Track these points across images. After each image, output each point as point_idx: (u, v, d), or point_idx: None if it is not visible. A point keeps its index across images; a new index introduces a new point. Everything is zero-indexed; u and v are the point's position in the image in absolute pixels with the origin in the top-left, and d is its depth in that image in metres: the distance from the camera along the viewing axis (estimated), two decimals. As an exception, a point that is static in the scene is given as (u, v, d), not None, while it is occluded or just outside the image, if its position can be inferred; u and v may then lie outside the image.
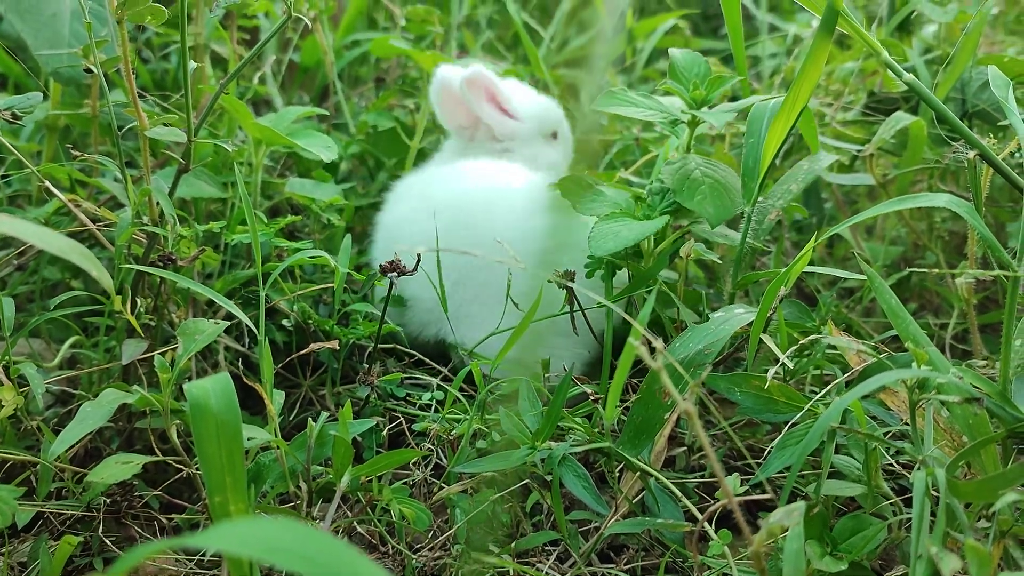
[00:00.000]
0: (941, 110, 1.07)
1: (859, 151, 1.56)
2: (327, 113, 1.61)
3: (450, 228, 1.31)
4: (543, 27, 2.55)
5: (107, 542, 1.04)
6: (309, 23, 1.21)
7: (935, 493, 0.87)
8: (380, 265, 1.16)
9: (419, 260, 1.14)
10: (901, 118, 1.50)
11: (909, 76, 1.05)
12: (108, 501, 1.05)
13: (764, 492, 1.11)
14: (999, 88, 1.05)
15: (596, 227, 1.19)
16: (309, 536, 0.48)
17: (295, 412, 1.35)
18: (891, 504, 1.01)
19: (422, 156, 1.83)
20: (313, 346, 1.04)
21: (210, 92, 1.48)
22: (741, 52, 1.43)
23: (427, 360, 1.38)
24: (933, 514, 0.84)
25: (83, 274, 1.51)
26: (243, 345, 1.37)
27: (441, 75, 1.51)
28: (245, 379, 1.01)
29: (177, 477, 1.14)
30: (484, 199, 1.36)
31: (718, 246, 1.57)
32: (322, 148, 1.30)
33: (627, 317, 0.88)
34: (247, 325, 1.26)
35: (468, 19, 2.46)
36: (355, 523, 1.05)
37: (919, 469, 0.84)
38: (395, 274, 1.12)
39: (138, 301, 1.15)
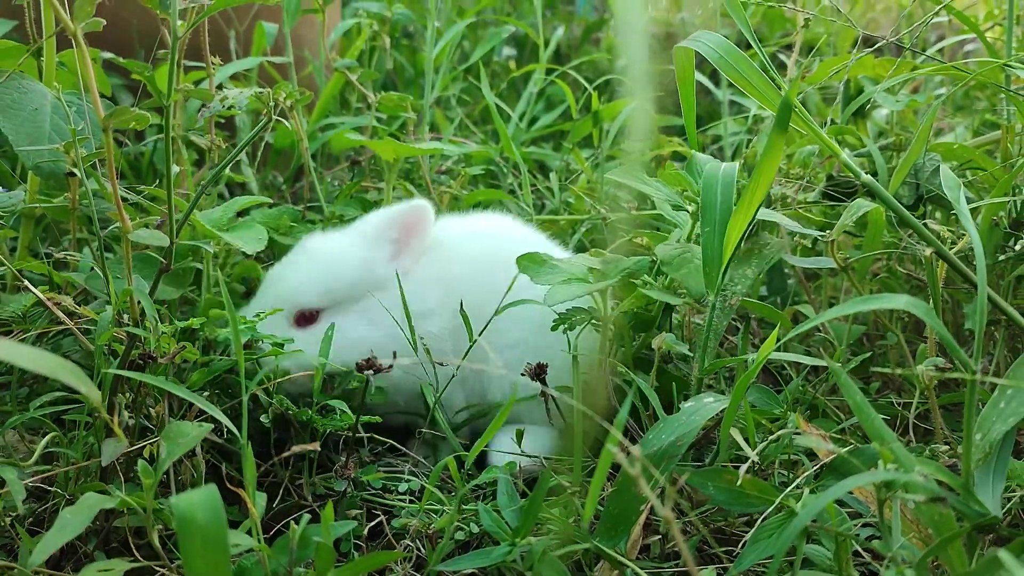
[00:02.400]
0: (899, 210, 1.12)
1: (820, 237, 1.62)
2: (270, 202, 1.65)
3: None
4: (511, 106, 2.62)
5: (85, 649, 1.03)
6: (286, 121, 1.25)
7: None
8: (356, 363, 1.18)
9: (394, 358, 1.16)
10: (861, 205, 1.55)
11: (868, 178, 1.11)
12: (86, 607, 1.04)
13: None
14: (951, 189, 1.11)
15: (551, 288, 1.29)
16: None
17: (272, 501, 1.36)
18: (863, 594, 1.04)
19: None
20: (295, 449, 1.05)
21: (189, 190, 1.50)
22: (693, 130, 1.47)
23: (402, 447, 1.39)
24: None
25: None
26: (220, 432, 1.37)
27: None
28: (228, 484, 1.01)
29: (156, 577, 1.14)
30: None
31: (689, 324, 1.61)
32: (251, 241, 1.34)
33: (606, 425, 0.91)
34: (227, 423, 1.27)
35: (439, 98, 2.52)
36: (335, 622, 1.05)
37: (888, 568, 0.87)
38: (371, 372, 1.14)
39: (117, 400, 1.16)
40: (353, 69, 2.04)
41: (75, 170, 1.12)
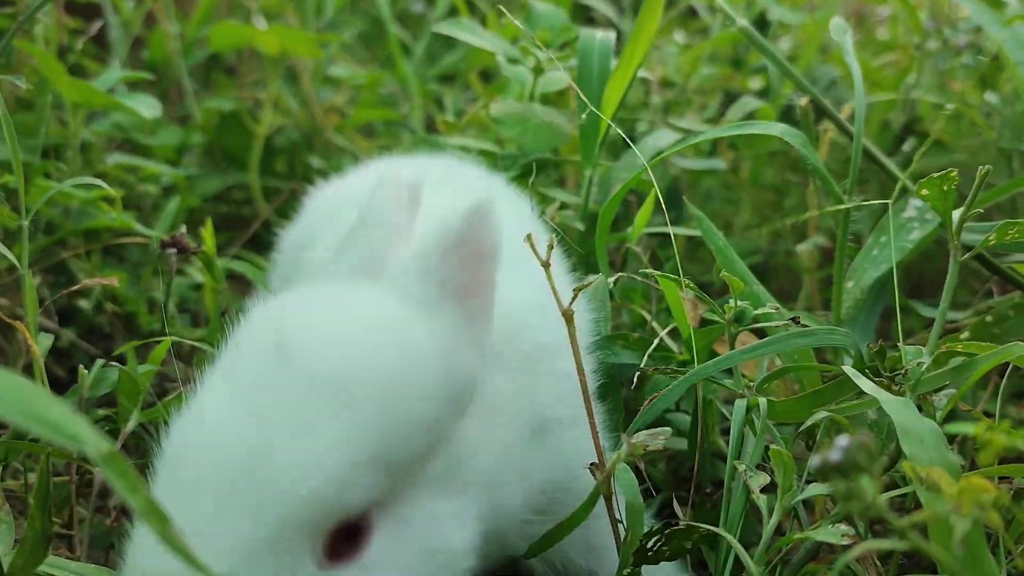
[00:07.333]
0: (774, 57, 1.06)
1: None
2: (151, 78, 1.52)
3: None
4: (413, 39, 2.50)
5: None
6: None
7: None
8: (161, 239, 1.01)
9: (202, 241, 1.00)
10: (750, 102, 1.51)
11: (743, 22, 1.04)
12: None
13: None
14: (837, 32, 1.05)
15: None
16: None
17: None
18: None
19: (269, 146, 1.75)
20: (88, 281, 0.93)
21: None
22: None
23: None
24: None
25: None
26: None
27: None
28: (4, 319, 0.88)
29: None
30: None
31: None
32: (144, 106, 1.21)
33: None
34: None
35: (333, 24, 2.39)
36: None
37: (741, 399, 0.80)
38: (173, 251, 0.99)
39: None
40: (234, -28, 1.92)
41: None
